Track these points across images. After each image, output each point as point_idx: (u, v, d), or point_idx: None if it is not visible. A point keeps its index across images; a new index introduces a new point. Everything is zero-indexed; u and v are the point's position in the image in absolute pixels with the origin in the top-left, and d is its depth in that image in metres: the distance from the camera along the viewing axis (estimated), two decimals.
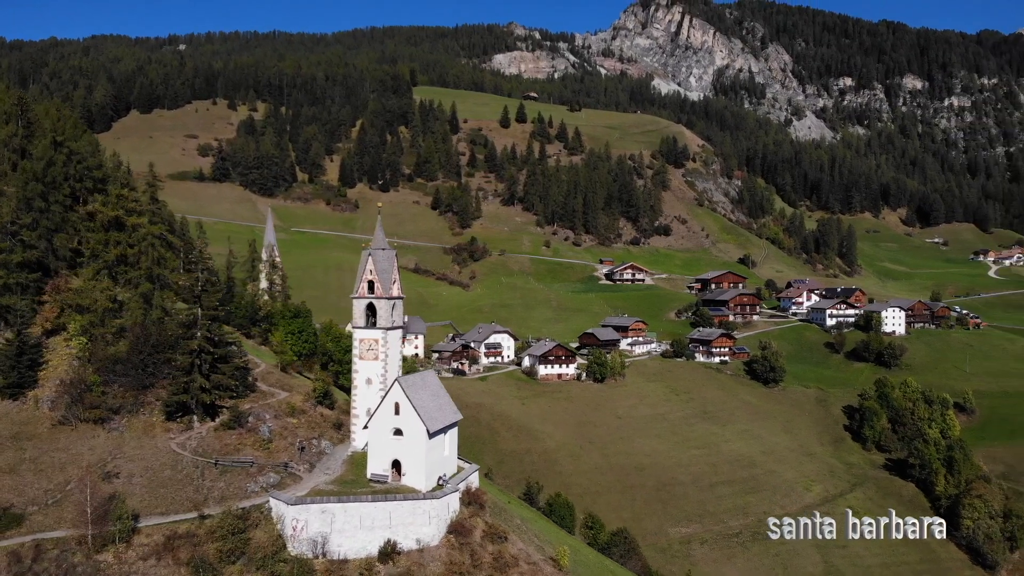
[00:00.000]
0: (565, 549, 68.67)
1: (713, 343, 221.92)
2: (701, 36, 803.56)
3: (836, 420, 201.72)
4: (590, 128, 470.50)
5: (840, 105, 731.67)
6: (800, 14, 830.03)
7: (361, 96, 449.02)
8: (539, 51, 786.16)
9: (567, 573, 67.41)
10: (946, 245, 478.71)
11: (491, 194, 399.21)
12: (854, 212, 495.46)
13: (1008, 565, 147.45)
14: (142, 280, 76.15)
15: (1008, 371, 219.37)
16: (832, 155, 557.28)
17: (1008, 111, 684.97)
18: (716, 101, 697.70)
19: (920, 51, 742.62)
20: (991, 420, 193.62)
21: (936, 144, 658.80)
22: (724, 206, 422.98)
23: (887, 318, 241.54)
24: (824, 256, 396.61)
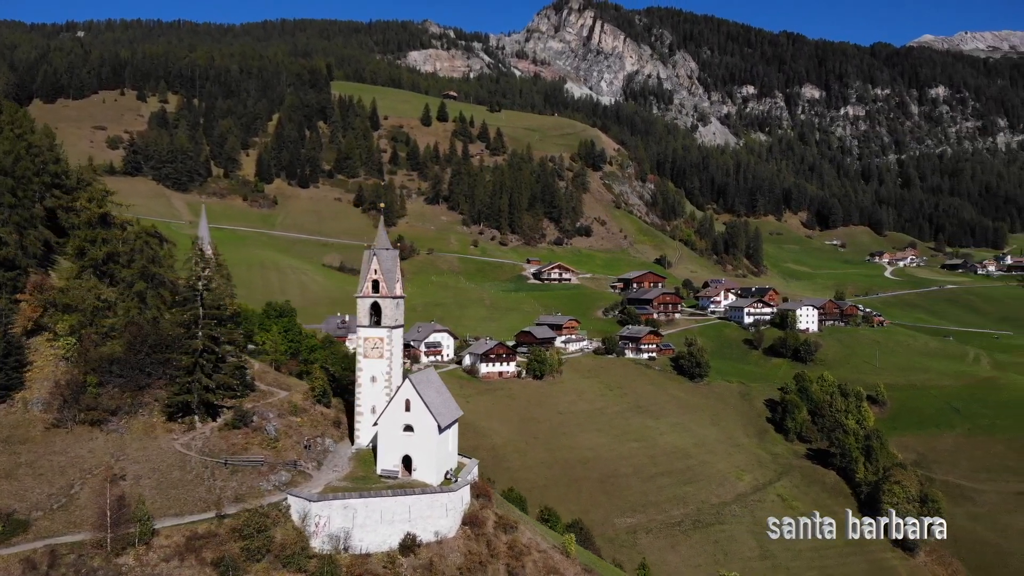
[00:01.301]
0: (571, 537, 71.99)
1: (642, 340, 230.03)
2: (612, 41, 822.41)
3: (759, 413, 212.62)
4: (510, 129, 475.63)
5: (743, 112, 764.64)
6: (706, 23, 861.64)
7: (277, 90, 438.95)
8: (454, 50, 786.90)
9: (574, 559, 70.63)
10: (844, 247, 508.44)
11: (415, 192, 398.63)
12: (758, 215, 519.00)
13: (926, 547, 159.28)
14: (136, 279, 74.60)
15: (913, 366, 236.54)
16: (737, 160, 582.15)
17: (900, 120, 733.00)
18: (627, 106, 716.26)
19: (818, 62, 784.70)
20: (901, 411, 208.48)
21: (832, 151, 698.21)
22: (639, 208, 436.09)
23: (801, 316, 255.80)
24: (733, 257, 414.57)
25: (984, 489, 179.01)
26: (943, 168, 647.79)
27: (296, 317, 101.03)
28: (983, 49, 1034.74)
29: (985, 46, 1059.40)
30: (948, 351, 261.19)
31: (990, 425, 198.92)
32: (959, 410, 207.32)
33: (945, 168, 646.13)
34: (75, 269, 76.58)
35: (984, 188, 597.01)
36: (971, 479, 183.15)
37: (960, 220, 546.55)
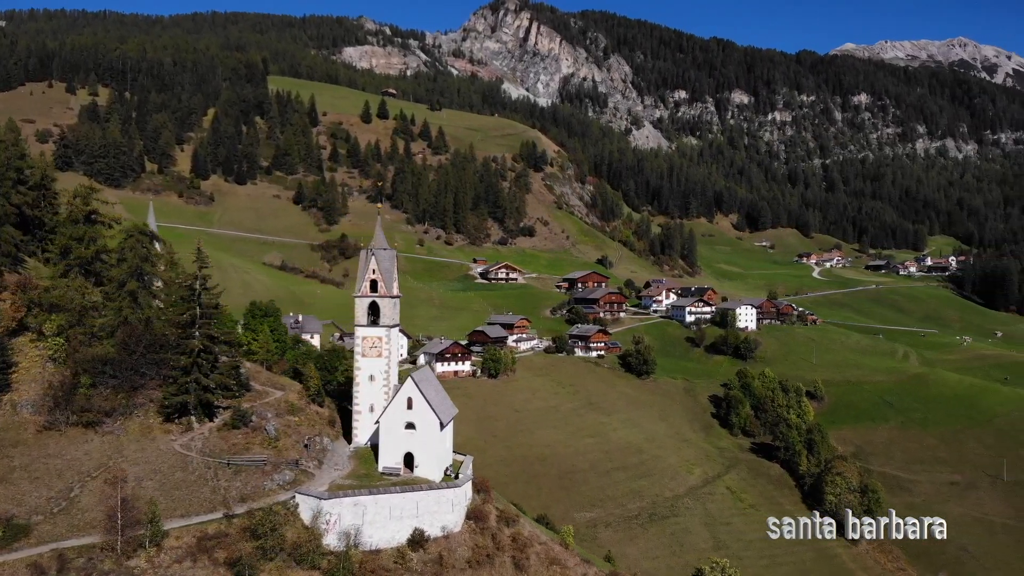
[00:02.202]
0: (570, 528, 74.20)
1: (591, 339, 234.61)
2: (548, 43, 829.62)
3: (704, 408, 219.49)
4: (452, 128, 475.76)
5: (675, 116, 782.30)
6: (639, 27, 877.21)
7: (213, 84, 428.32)
8: (390, 47, 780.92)
9: (573, 551, 72.90)
10: (773, 248, 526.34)
11: (356, 190, 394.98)
12: (692, 217, 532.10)
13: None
14: (128, 278, 73.25)
15: (847, 362, 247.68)
16: (670, 164, 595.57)
17: (824, 126, 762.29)
18: (564, 108, 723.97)
19: (747, 68, 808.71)
20: (839, 406, 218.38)
21: (761, 155, 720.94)
22: (580, 210, 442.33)
23: (740, 315, 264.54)
24: (669, 258, 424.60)
25: (919, 480, 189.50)
26: (865, 173, 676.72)
27: (280, 317, 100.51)
28: (902, 58, 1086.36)
29: (904, 55, 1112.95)
30: (879, 349, 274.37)
31: (922, 419, 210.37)
32: (892, 405, 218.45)
33: (867, 173, 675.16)
34: (60, 268, 74.74)
35: (904, 192, 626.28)
36: (906, 470, 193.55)
37: (882, 223, 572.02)
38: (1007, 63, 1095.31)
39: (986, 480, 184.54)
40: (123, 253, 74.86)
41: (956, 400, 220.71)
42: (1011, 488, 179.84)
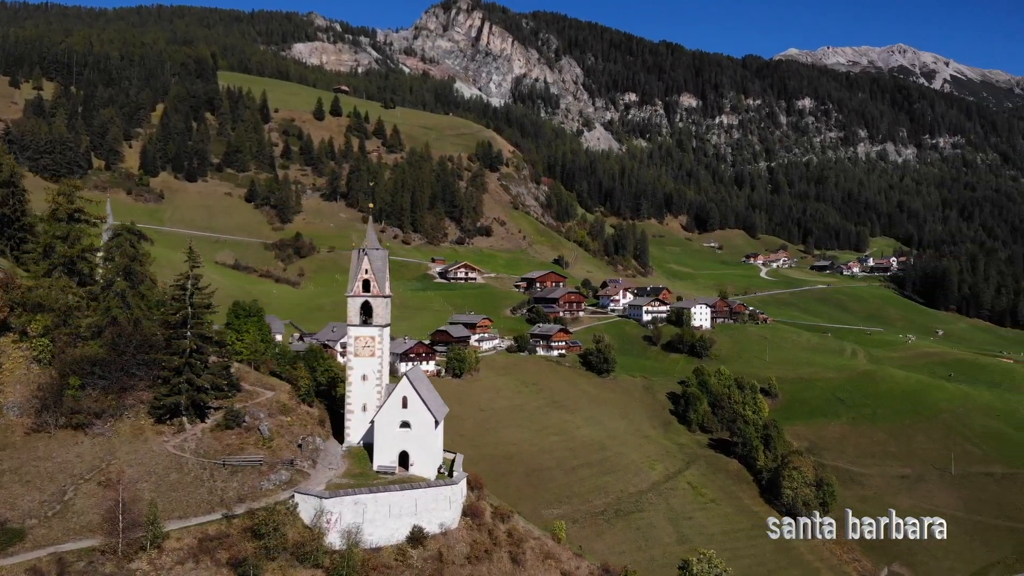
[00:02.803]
0: (562, 524, 75.70)
1: (552, 338, 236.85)
2: (500, 44, 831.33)
3: (662, 405, 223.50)
4: (406, 127, 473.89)
5: (625, 119, 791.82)
6: (590, 30, 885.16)
7: (161, 79, 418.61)
8: (341, 44, 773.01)
9: (565, 546, 74.47)
10: (721, 249, 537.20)
11: (310, 188, 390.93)
12: (643, 218, 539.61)
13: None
14: (116, 277, 72.10)
15: (799, 360, 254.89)
16: (622, 166, 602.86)
17: (770, 130, 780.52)
18: (516, 108, 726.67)
19: (695, 72, 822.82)
20: (792, 402, 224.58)
21: (708, 158, 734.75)
22: (536, 210, 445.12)
23: (695, 314, 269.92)
24: (623, 258, 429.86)
25: (870, 473, 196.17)
26: (809, 175, 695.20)
27: (263, 317, 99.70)
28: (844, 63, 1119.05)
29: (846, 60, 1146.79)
30: (828, 346, 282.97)
31: (872, 414, 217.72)
32: (843, 401, 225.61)
33: (811, 175, 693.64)
34: (44, 267, 73.24)
35: (847, 195, 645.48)
36: (858, 464, 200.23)
37: (826, 224, 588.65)
38: (945, 69, 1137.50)
39: (934, 473, 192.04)
40: (110, 252, 73.67)
41: (904, 396, 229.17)
42: (958, 481, 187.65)
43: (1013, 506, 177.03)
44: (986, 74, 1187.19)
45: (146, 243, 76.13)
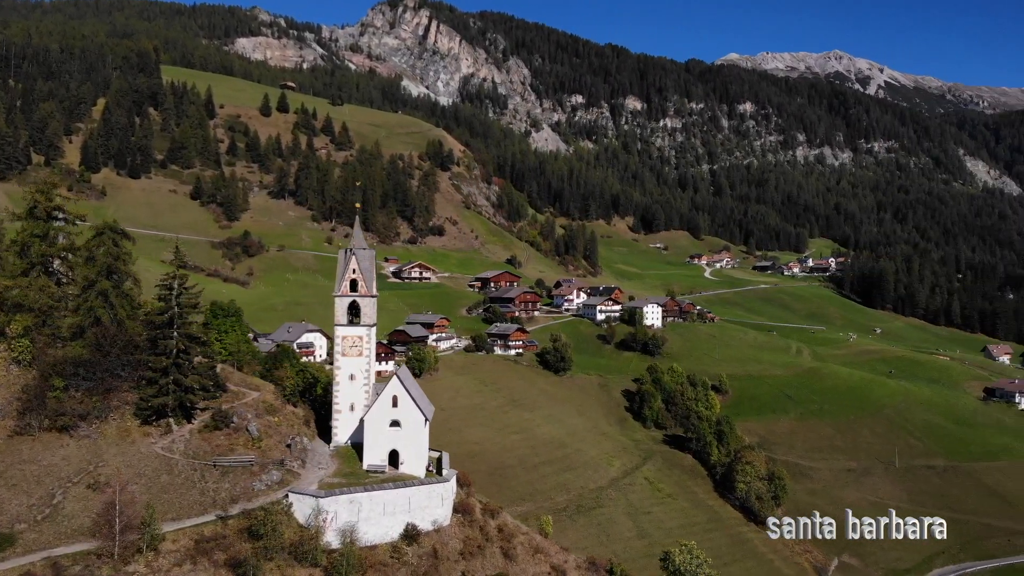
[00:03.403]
0: (548, 519, 77.11)
1: (510, 337, 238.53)
2: (448, 43, 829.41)
3: (618, 403, 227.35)
4: (355, 124, 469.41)
5: (572, 120, 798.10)
6: (537, 31, 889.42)
7: (103, 73, 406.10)
8: (286, 39, 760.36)
9: (551, 540, 75.99)
10: (666, 249, 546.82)
11: (257, 186, 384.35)
12: (591, 219, 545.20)
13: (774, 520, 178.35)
14: (99, 277, 70.66)
15: (747, 357, 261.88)
16: (570, 167, 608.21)
17: (712, 133, 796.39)
18: (465, 108, 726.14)
19: (640, 75, 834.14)
20: (742, 399, 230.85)
21: (653, 160, 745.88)
22: (487, 210, 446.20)
23: (647, 313, 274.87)
24: (573, 258, 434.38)
25: (818, 467, 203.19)
26: (750, 178, 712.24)
27: (242, 317, 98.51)
28: (782, 69, 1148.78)
29: (784, 66, 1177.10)
30: (774, 345, 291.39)
31: (819, 410, 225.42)
32: (791, 397, 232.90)
33: (752, 178, 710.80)
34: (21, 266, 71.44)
35: (786, 197, 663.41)
36: (806, 458, 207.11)
37: (766, 226, 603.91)
38: (879, 76, 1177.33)
39: (879, 466, 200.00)
40: (92, 251, 72.26)
41: (848, 392, 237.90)
42: (902, 473, 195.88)
43: (954, 497, 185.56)
44: (919, 80, 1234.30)
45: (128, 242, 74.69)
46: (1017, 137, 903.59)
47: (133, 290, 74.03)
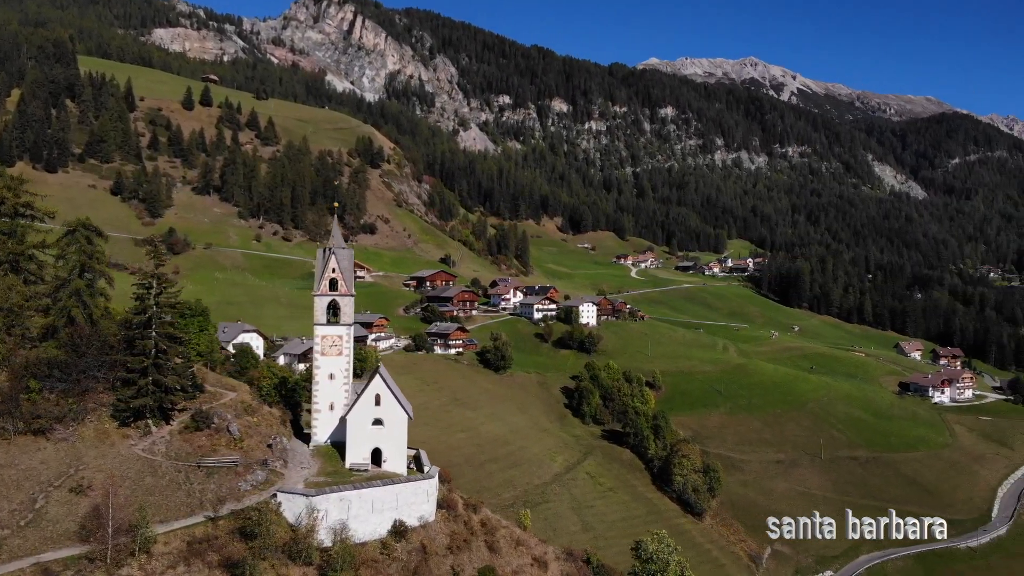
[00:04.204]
0: (527, 512, 79.03)
1: (450, 336, 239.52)
2: (373, 38, 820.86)
3: (557, 400, 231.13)
4: (281, 119, 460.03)
5: (500, 120, 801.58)
6: (463, 30, 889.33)
7: (17, 62, 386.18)
8: (205, 31, 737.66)
9: (530, 532, 77.99)
10: (594, 250, 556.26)
11: (180, 181, 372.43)
12: (521, 219, 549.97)
13: (710, 511, 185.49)
14: (72, 276, 68.70)
15: (678, 354, 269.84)
16: (499, 167, 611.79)
17: (635, 136, 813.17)
18: (391, 105, 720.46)
19: (566, 77, 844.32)
20: (675, 394, 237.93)
21: (579, 162, 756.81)
22: (419, 208, 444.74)
23: (583, 312, 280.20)
24: (506, 257, 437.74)
25: (749, 459, 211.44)
26: (671, 181, 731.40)
27: (209, 316, 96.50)
28: (700, 74, 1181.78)
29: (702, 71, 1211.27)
30: (701, 342, 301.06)
31: (747, 404, 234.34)
32: (721, 392, 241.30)
33: (673, 181, 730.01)
34: None
35: (706, 199, 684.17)
36: (737, 451, 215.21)
37: (687, 227, 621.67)
38: (792, 83, 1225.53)
39: (806, 458, 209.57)
40: (64, 249, 70.20)
41: (774, 387, 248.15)
42: (828, 464, 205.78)
43: (876, 486, 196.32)
44: (829, 88, 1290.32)
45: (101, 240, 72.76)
46: (922, 143, 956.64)
47: (107, 289, 72.35)
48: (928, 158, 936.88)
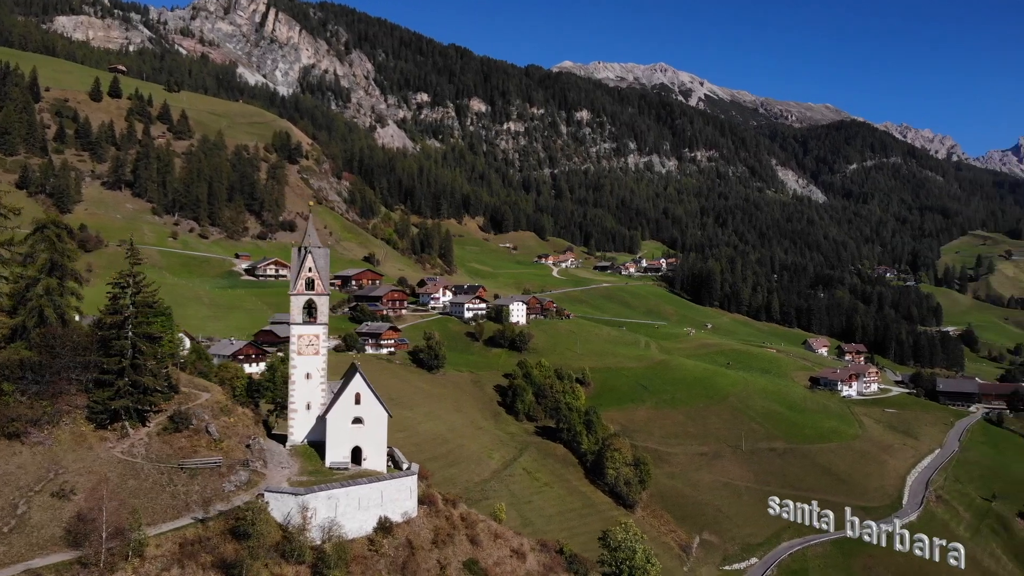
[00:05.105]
0: (502, 506, 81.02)
1: (382, 336, 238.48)
2: (287, 31, 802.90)
3: (490, 398, 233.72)
4: (194, 112, 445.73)
5: (418, 118, 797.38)
6: (380, 25, 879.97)
7: None
8: (110, 19, 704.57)
9: (506, 526, 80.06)
10: (516, 249, 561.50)
11: (89, 175, 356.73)
12: (443, 218, 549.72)
13: (641, 503, 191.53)
14: (43, 275, 66.36)
15: (604, 351, 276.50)
16: (420, 165, 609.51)
17: (552, 139, 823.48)
18: (306, 99, 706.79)
19: (484, 77, 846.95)
20: (603, 390, 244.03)
21: (498, 162, 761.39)
22: (339, 206, 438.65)
23: (513, 311, 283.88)
24: (430, 256, 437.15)
25: (675, 452, 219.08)
26: (588, 183, 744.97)
27: (172, 316, 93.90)
28: (613, 78, 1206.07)
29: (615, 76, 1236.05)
30: (625, 339, 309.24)
31: (671, 399, 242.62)
32: (646, 387, 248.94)
33: (589, 183, 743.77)
34: None
35: (621, 201, 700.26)
36: (663, 444, 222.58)
37: (604, 228, 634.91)
38: (700, 89, 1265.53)
39: (728, 450, 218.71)
40: (34, 247, 67.78)
41: (696, 382, 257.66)
42: (748, 456, 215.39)
43: (794, 476, 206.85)
44: (735, 94, 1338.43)
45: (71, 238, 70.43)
46: (822, 149, 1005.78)
47: (78, 288, 70.35)
48: (827, 163, 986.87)
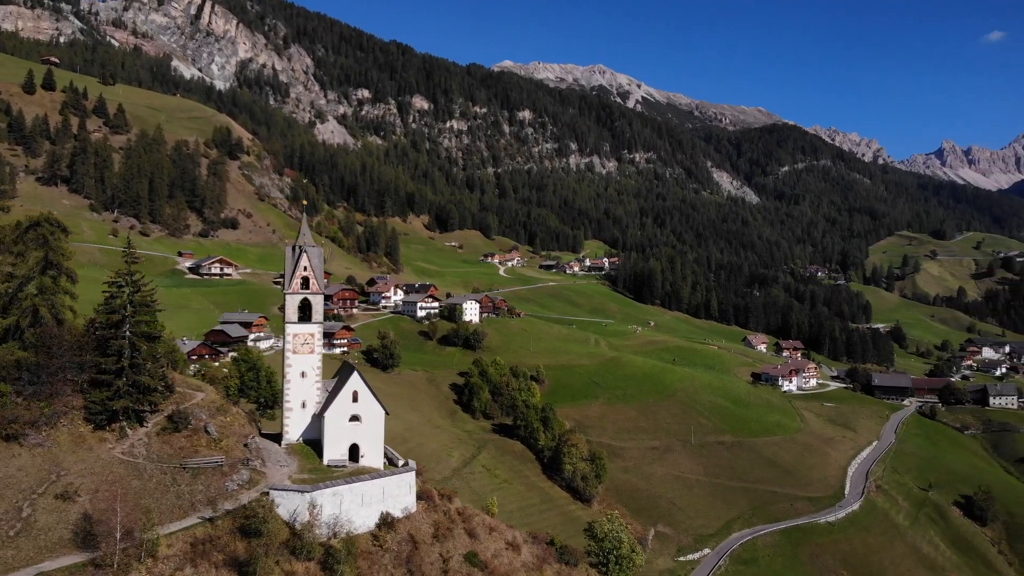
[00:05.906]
0: (494, 499, 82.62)
1: (335, 335, 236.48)
2: (224, 24, 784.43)
3: (446, 396, 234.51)
4: (131, 106, 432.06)
5: (359, 114, 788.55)
6: (319, 20, 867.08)
7: None
8: (40, 9, 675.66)
9: (498, 519, 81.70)
10: (462, 248, 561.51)
11: (23, 170, 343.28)
12: (387, 216, 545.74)
13: (598, 497, 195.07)
14: (36, 273, 64.89)
15: (557, 349, 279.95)
16: (362, 162, 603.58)
17: (496, 138, 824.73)
18: (244, 94, 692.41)
19: (426, 75, 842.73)
20: (557, 387, 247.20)
21: (442, 160, 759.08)
22: (282, 203, 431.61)
23: (467, 309, 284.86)
24: (376, 255, 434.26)
25: (628, 447, 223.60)
26: (531, 183, 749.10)
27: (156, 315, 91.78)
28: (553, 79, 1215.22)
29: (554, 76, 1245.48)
30: (575, 337, 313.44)
31: (623, 395, 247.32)
32: (599, 384, 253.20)
33: (532, 183, 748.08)
34: None
35: (563, 201, 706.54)
36: (617, 439, 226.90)
37: (547, 228, 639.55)
38: (638, 91, 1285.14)
39: (678, 444, 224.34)
40: (27, 244, 66.23)
41: (645, 378, 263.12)
42: (698, 450, 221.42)
43: (742, 469, 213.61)
44: (671, 97, 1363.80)
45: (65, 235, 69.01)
46: (755, 152, 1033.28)
47: (72, 287, 69.05)
48: (760, 166, 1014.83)
